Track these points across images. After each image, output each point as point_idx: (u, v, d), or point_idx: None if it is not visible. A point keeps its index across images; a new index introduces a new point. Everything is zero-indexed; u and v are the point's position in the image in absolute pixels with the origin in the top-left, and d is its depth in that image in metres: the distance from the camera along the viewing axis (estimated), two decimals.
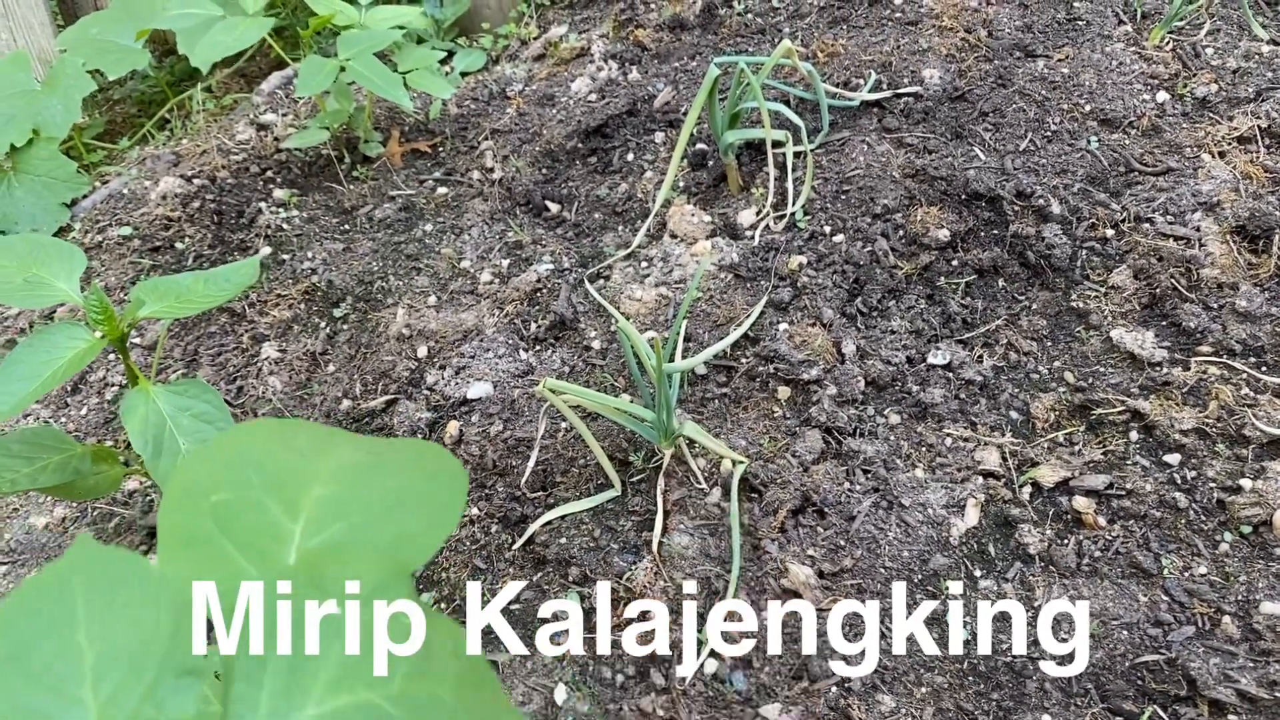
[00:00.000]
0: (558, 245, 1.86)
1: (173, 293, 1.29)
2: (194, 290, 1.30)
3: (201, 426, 1.24)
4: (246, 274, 1.35)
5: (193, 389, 1.26)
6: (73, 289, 1.27)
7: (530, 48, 2.39)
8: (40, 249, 1.30)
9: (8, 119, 2.33)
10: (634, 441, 1.45)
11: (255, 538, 0.63)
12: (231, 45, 1.93)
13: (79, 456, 1.34)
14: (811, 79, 1.71)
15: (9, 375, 1.21)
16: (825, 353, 1.46)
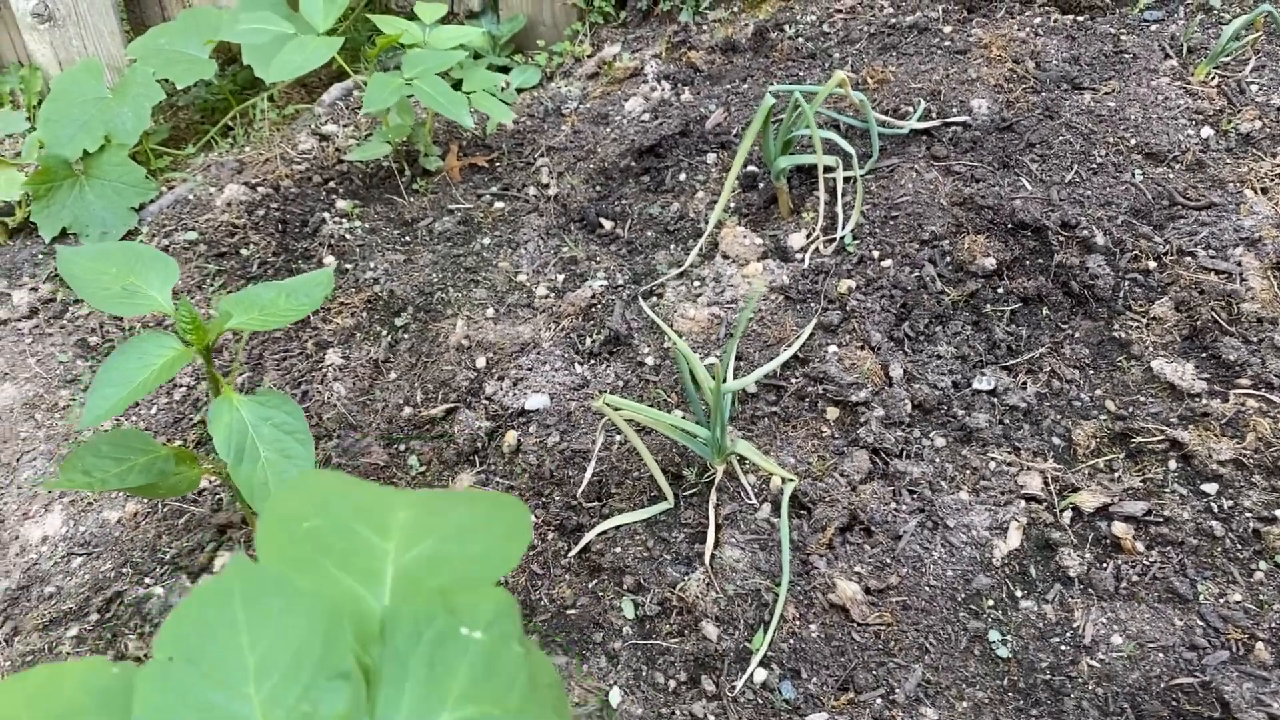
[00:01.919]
0: (611, 262, 1.93)
1: (256, 305, 1.37)
2: (276, 304, 1.37)
3: (281, 436, 1.31)
4: (323, 286, 1.42)
5: (274, 399, 1.33)
6: (165, 299, 1.35)
7: (584, 66, 2.46)
8: (138, 258, 1.37)
9: (81, 125, 2.43)
10: (685, 456, 1.51)
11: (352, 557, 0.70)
12: (302, 65, 2.00)
13: (163, 458, 1.41)
14: (863, 108, 1.77)
15: (105, 381, 1.29)
16: (873, 375, 1.51)
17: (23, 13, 2.75)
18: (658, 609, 1.36)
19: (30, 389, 2.07)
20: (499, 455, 1.64)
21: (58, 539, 1.76)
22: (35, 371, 2.10)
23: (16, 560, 1.74)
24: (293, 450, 1.31)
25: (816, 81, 2.08)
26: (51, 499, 1.84)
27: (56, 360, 2.11)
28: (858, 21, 2.19)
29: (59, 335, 2.18)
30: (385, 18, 2.18)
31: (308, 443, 1.31)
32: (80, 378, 2.08)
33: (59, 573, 1.71)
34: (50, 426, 1.99)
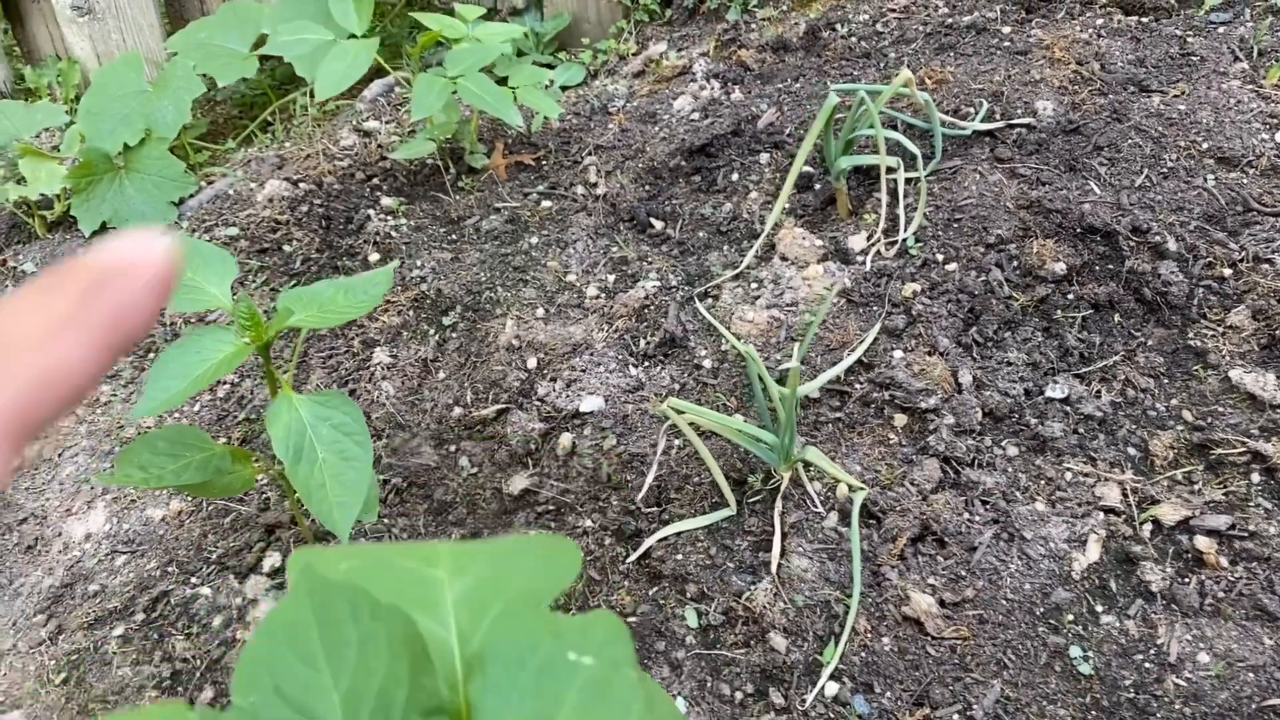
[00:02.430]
0: (663, 262, 1.89)
1: (315, 302, 1.34)
2: (335, 301, 1.34)
3: (339, 437, 1.28)
4: (383, 284, 1.39)
5: (333, 399, 1.30)
6: (224, 295, 1.32)
7: (630, 64, 2.43)
8: (198, 253, 1.34)
9: (121, 118, 2.41)
10: (748, 461, 1.48)
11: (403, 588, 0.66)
12: (346, 75, 1.97)
13: (219, 456, 1.38)
14: (928, 109, 1.73)
15: (162, 373, 1.26)
16: (943, 382, 1.48)
17: (62, 6, 2.73)
18: (722, 618, 1.33)
19: None
20: (553, 458, 1.61)
21: (101, 536, 1.74)
22: None
23: (60, 557, 1.72)
24: (351, 452, 1.28)
25: (872, 81, 2.04)
26: (94, 495, 1.81)
27: None
28: (912, 21, 2.15)
29: None
30: (427, 15, 2.15)
31: (366, 445, 1.28)
32: (121, 372, 2.05)
33: (103, 570, 1.68)
34: (91, 422, 1.96)
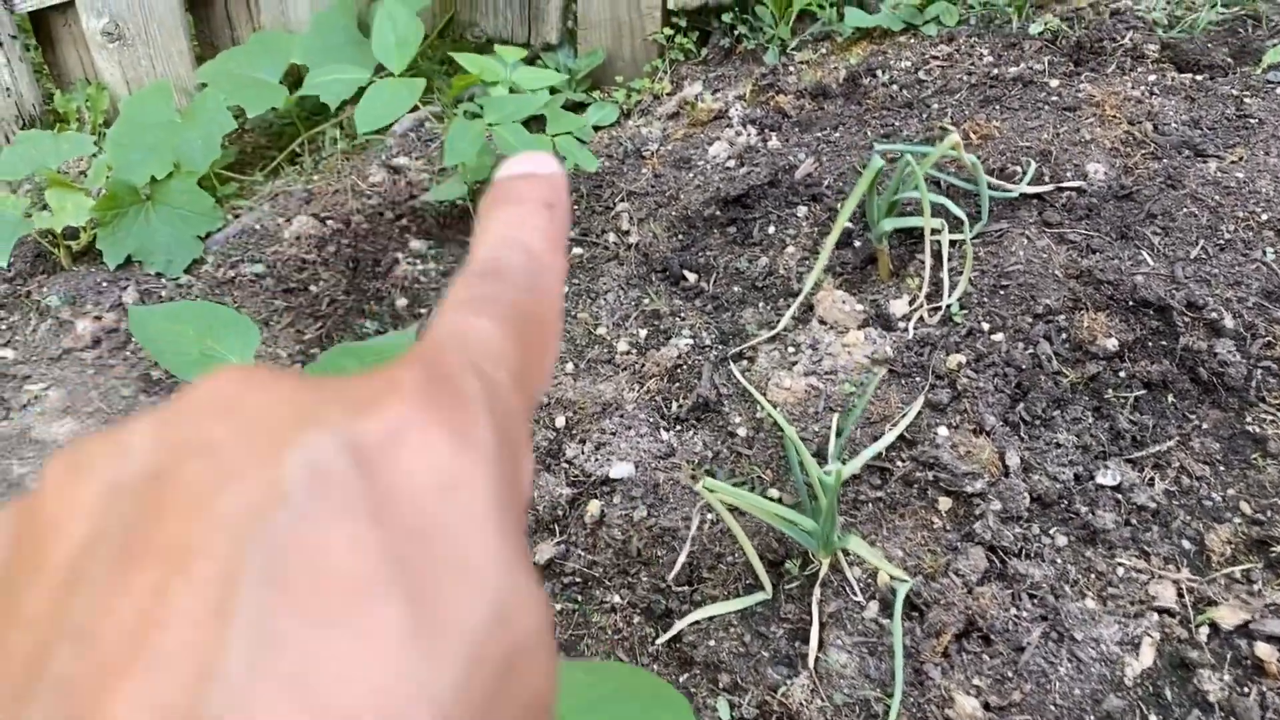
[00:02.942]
0: (696, 318, 1.85)
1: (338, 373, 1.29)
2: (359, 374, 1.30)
3: None
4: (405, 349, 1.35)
5: None
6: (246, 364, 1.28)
7: (664, 105, 2.38)
8: (216, 319, 1.30)
9: (150, 150, 2.38)
10: (784, 542, 1.43)
11: None
12: (385, 115, 1.93)
13: None
14: (975, 171, 1.68)
15: None
16: (991, 465, 1.42)
17: (93, 31, 2.71)
18: (756, 712, 1.28)
19: (92, 424, 2.02)
20: (580, 526, 1.56)
21: None
22: (97, 406, 2.05)
23: None
24: None
25: (914, 132, 1.99)
26: None
27: (119, 395, 2.06)
28: (956, 70, 2.10)
29: (122, 368, 2.13)
30: (465, 55, 2.11)
31: None
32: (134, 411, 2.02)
33: None
34: None
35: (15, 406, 2.08)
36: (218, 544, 0.19)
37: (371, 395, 0.23)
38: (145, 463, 0.21)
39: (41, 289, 2.34)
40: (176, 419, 0.22)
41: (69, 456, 0.23)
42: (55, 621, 0.19)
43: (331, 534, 0.19)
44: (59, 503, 0.21)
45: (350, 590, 0.19)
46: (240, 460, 0.20)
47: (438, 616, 0.19)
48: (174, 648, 0.17)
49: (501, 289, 0.29)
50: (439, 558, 0.20)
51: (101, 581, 0.19)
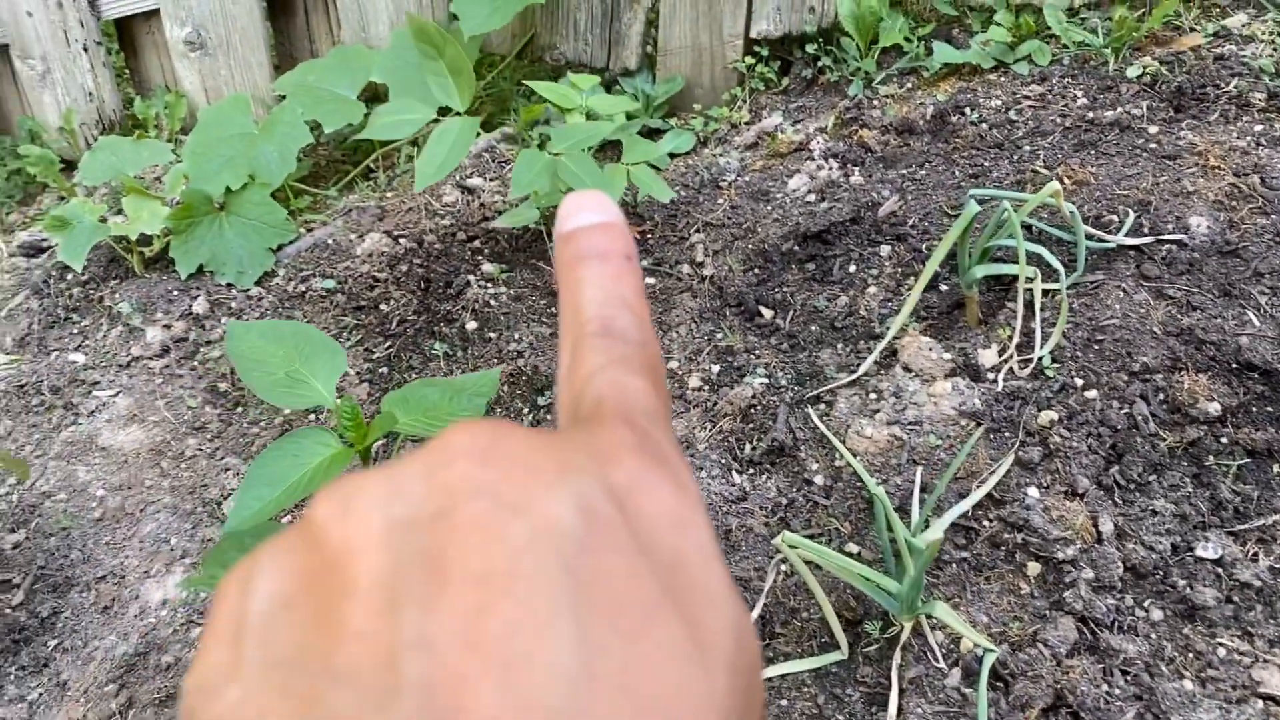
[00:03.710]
0: (771, 357, 1.80)
1: (421, 407, 1.27)
2: (441, 407, 1.27)
3: None
4: (489, 390, 1.32)
5: None
6: (329, 392, 1.26)
7: (743, 134, 2.34)
8: (308, 342, 1.29)
9: (226, 160, 2.39)
10: (864, 601, 1.37)
11: None
12: (449, 158, 1.90)
13: None
14: (1073, 220, 1.62)
15: (256, 480, 1.20)
16: (1084, 531, 1.36)
17: (175, 39, 2.74)
18: None
19: (158, 433, 2.01)
20: None
21: (178, 603, 1.69)
22: (164, 415, 2.05)
23: (135, 623, 1.68)
24: None
25: (1005, 174, 1.93)
26: (174, 558, 1.77)
27: (185, 405, 2.06)
28: (1049, 112, 2.03)
29: (189, 378, 2.12)
30: (541, 83, 2.09)
31: None
32: (208, 425, 2.01)
33: (177, 642, 1.63)
34: (175, 476, 1.93)
35: (84, 412, 2.09)
36: (524, 569, 0.22)
37: (607, 449, 0.27)
38: (424, 502, 0.24)
39: (114, 295, 2.35)
40: (444, 465, 0.25)
41: (340, 495, 0.26)
42: (392, 634, 0.22)
43: (611, 562, 0.23)
44: (345, 534, 0.24)
45: (641, 610, 0.22)
46: (517, 499, 0.24)
47: (702, 635, 0.23)
48: (520, 654, 0.21)
49: (629, 348, 0.32)
50: (690, 586, 0.24)
51: (423, 602, 0.22)
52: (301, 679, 0.22)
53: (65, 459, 1.99)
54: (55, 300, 2.40)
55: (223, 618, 0.25)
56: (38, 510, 1.89)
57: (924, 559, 1.15)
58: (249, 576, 0.25)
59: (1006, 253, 1.75)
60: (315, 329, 1.31)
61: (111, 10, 2.78)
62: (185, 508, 1.85)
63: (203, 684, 0.24)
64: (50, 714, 1.57)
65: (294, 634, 0.23)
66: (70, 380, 2.17)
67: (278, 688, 0.22)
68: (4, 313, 2.45)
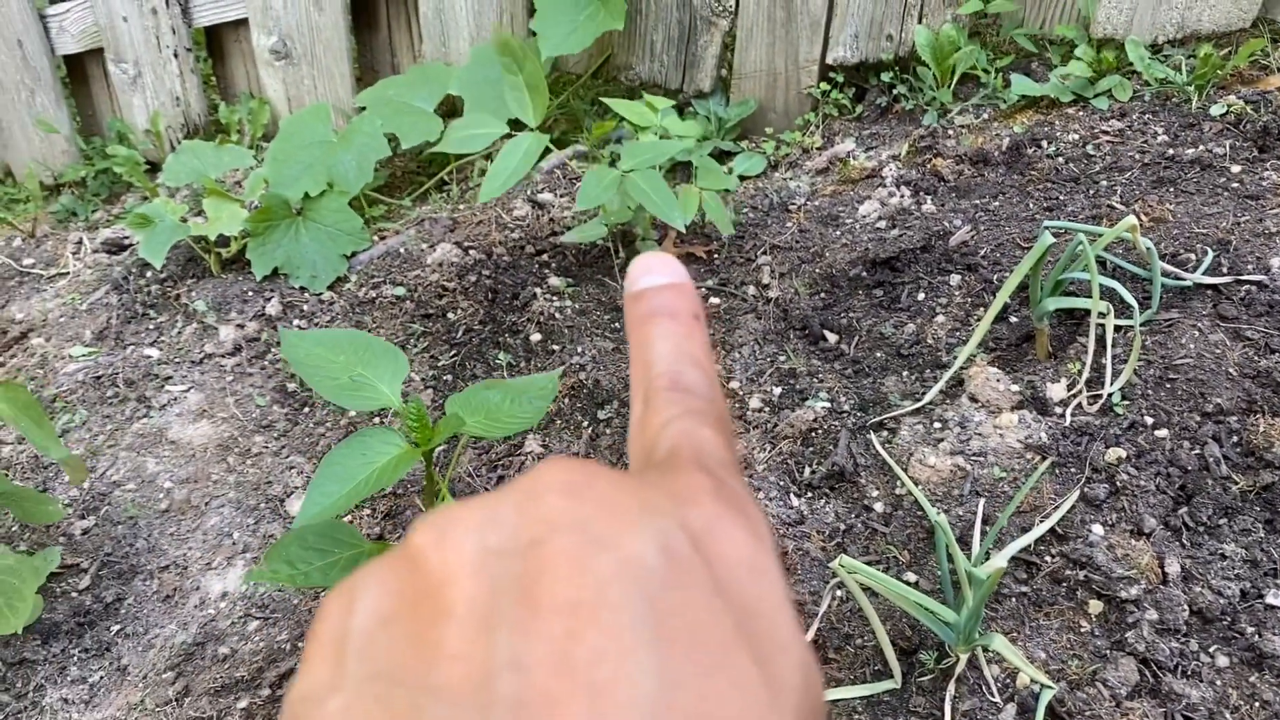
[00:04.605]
0: (835, 381, 1.79)
1: (483, 409, 1.28)
2: (502, 409, 1.29)
3: None
4: (549, 392, 1.33)
5: None
6: (394, 394, 1.28)
7: (814, 159, 2.34)
8: (368, 348, 1.31)
9: (305, 167, 2.44)
10: (919, 630, 1.36)
11: None
12: (516, 171, 1.94)
13: (368, 554, 1.34)
14: (1149, 256, 1.59)
15: (325, 477, 1.22)
16: (1149, 570, 1.33)
17: (262, 48, 2.81)
18: None
19: (226, 430, 2.06)
20: None
21: (237, 596, 1.72)
22: (233, 412, 2.09)
23: (195, 613, 1.71)
24: None
25: (1080, 208, 1.90)
26: (235, 552, 1.80)
27: (254, 403, 2.10)
28: (1128, 148, 2.01)
29: (259, 376, 2.17)
30: (616, 101, 2.11)
31: None
32: (275, 424, 2.05)
33: (235, 634, 1.66)
34: (240, 472, 1.96)
35: (155, 405, 2.14)
36: (611, 600, 0.23)
37: (686, 493, 0.28)
38: (517, 533, 0.26)
39: (190, 293, 2.41)
40: (535, 499, 0.26)
41: (438, 523, 0.27)
42: (486, 655, 0.23)
43: (689, 599, 0.24)
44: (443, 560, 0.26)
45: (717, 647, 0.24)
46: (604, 534, 0.25)
47: (772, 676, 0.24)
48: (605, 680, 0.22)
49: (699, 402, 0.34)
50: (762, 629, 0.25)
51: (515, 626, 0.23)
52: (400, 693, 0.23)
53: (136, 450, 2.04)
54: (134, 296, 2.47)
55: (326, 634, 0.26)
56: (107, 499, 1.94)
57: (984, 589, 1.14)
58: (351, 596, 0.27)
59: (1079, 287, 1.72)
60: (373, 336, 1.34)
61: (203, 18, 2.86)
62: (249, 503, 1.88)
63: (306, 695, 0.25)
64: (109, 697, 1.60)
65: (393, 651, 0.24)
66: (144, 374, 2.22)
67: (377, 699, 0.23)
68: (85, 306, 2.52)
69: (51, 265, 2.78)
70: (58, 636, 1.68)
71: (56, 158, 3.06)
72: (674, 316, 0.37)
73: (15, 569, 1.51)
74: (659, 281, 0.38)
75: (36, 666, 1.64)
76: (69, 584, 1.77)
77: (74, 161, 3.05)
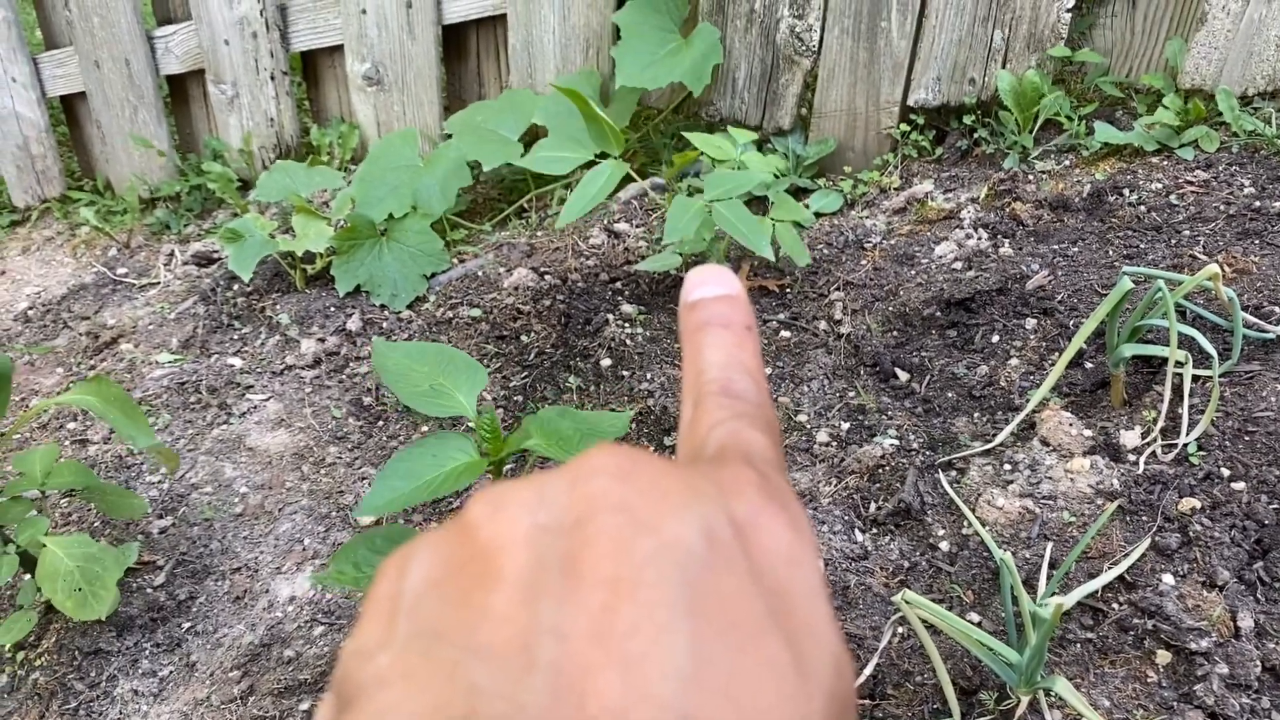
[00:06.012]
0: (904, 419, 1.79)
1: (555, 434, 1.31)
2: (571, 439, 1.31)
3: None
4: (619, 429, 1.36)
5: None
6: (470, 404, 1.31)
7: (891, 199, 2.35)
8: (449, 361, 1.35)
9: (391, 189, 2.51)
10: (979, 670, 1.34)
11: None
12: (595, 197, 1.98)
13: None
14: (1231, 306, 1.57)
15: (393, 472, 1.25)
16: (1221, 624, 1.30)
17: (355, 74, 2.91)
18: None
19: (302, 439, 2.11)
20: None
21: (304, 601, 1.76)
22: (309, 422, 2.15)
23: (263, 615, 1.75)
24: None
25: (1161, 257, 1.88)
26: (305, 558, 1.85)
27: (330, 414, 2.15)
28: (1212, 198, 1.98)
29: (336, 389, 2.23)
30: (697, 134, 2.15)
31: None
32: (349, 436, 2.10)
33: (300, 638, 1.70)
34: (314, 481, 2.01)
35: (236, 413, 2.21)
36: (649, 578, 0.24)
37: (732, 484, 0.30)
38: (566, 511, 0.27)
39: (275, 306, 2.48)
40: (585, 480, 0.28)
41: (492, 498, 0.29)
42: (529, 621, 0.24)
43: (727, 583, 0.25)
44: (495, 532, 0.27)
45: (750, 629, 0.25)
46: (648, 516, 0.26)
47: (804, 661, 0.25)
48: (639, 652, 0.23)
49: (748, 407, 0.35)
50: (796, 616, 0.26)
51: (558, 596, 0.25)
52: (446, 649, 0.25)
53: (215, 455, 2.10)
54: (220, 307, 2.56)
55: (380, 595, 0.28)
56: (185, 500, 2.00)
57: (1047, 627, 1.13)
58: (406, 561, 0.29)
59: (1157, 334, 1.70)
60: (456, 350, 1.37)
61: (300, 43, 2.97)
62: (320, 511, 1.93)
63: (358, 650, 0.27)
64: (177, 692, 1.65)
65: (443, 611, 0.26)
66: (227, 382, 2.30)
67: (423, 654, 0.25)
68: (173, 315, 2.62)
69: (143, 275, 2.89)
70: (131, 630, 1.73)
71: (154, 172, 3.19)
72: (727, 326, 0.38)
73: (99, 558, 1.57)
74: (714, 293, 0.39)
75: (110, 658, 1.69)
76: (144, 580, 1.83)
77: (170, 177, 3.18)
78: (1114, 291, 1.49)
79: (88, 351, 2.54)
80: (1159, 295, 1.52)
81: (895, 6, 2.31)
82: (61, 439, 2.24)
